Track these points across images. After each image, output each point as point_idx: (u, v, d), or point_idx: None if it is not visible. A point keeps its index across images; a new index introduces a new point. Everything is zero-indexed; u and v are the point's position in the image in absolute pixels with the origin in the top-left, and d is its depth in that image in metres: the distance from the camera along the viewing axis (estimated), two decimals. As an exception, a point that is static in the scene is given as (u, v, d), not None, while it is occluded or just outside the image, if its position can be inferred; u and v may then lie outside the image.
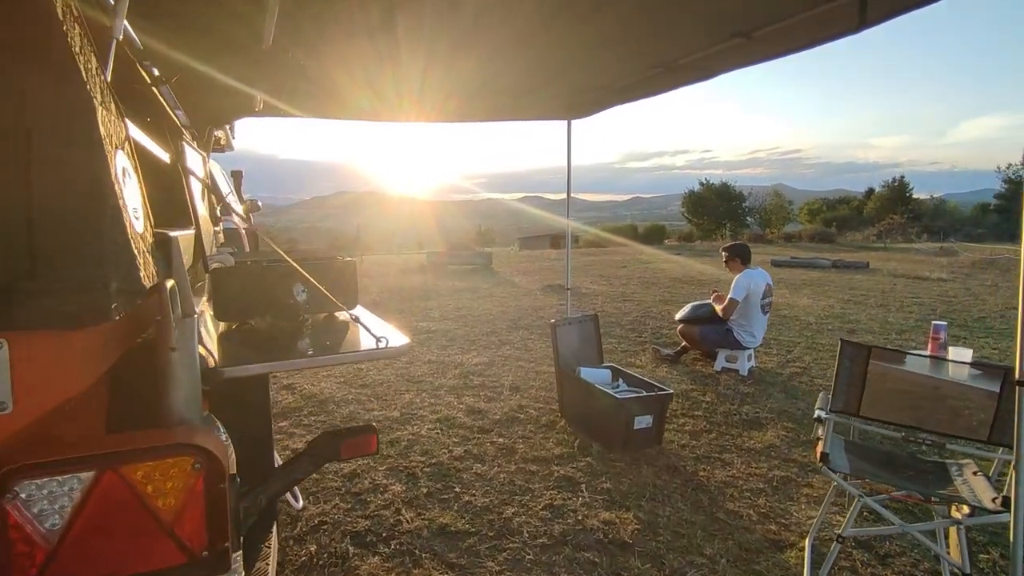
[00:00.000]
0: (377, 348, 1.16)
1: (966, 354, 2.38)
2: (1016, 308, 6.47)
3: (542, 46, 3.02)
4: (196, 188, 1.61)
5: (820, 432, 2.37)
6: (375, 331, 1.21)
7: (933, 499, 1.94)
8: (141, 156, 1.12)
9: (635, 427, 3.42)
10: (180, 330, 0.85)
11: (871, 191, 40.54)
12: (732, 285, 5.03)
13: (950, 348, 2.50)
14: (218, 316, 1.39)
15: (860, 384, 2.02)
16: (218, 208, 2.90)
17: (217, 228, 2.58)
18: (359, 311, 1.43)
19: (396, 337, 1.22)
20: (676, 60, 2.79)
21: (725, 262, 5.25)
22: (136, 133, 1.20)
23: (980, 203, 41.50)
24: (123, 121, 1.00)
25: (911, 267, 14.72)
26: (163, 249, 0.97)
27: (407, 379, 4.86)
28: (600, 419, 3.55)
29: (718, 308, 5.12)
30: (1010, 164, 37.07)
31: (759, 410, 4.17)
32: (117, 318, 0.79)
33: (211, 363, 0.95)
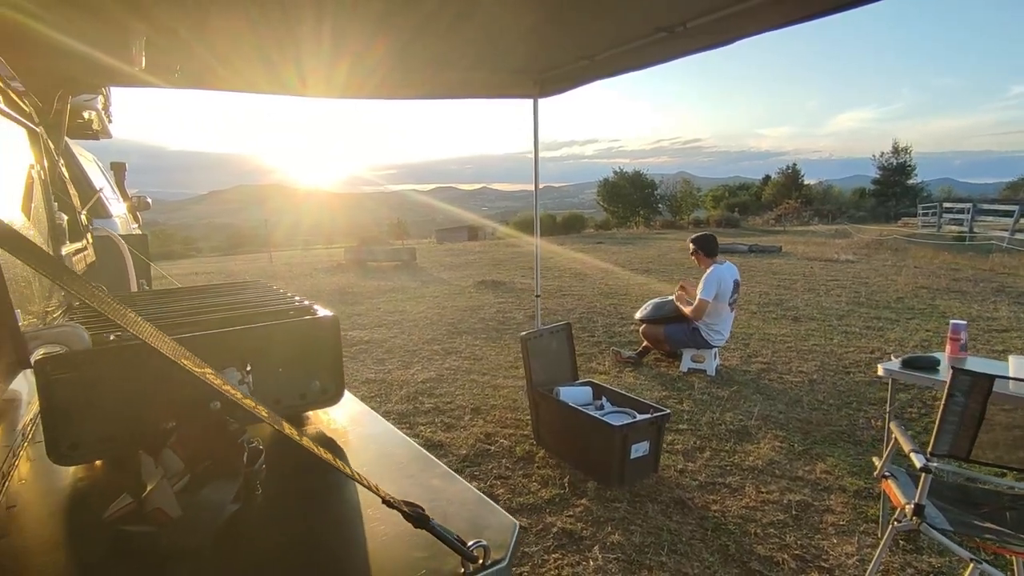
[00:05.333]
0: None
1: (1030, 366, 2.09)
2: (925, 288, 6.62)
3: (501, 5, 2.42)
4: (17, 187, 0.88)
5: (884, 470, 1.99)
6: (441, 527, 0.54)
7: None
8: None
9: (631, 456, 2.94)
10: None
11: (767, 178, 43.12)
12: (701, 283, 4.70)
13: (1011, 358, 2.22)
14: (56, 457, 0.71)
15: (975, 422, 1.65)
16: (82, 214, 2.06)
17: (80, 246, 1.77)
18: (352, 405, 0.79)
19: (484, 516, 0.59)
20: (685, 22, 2.28)
21: (691, 254, 4.91)
22: None
23: (858, 188, 45.38)
24: None
25: (817, 249, 15.51)
26: None
27: (345, 407, 4.12)
28: (590, 449, 3.04)
29: (686, 309, 4.78)
30: (883, 153, 40.69)
31: (743, 418, 3.86)
32: None
33: None
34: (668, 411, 3.09)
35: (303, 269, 13.74)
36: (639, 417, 3.05)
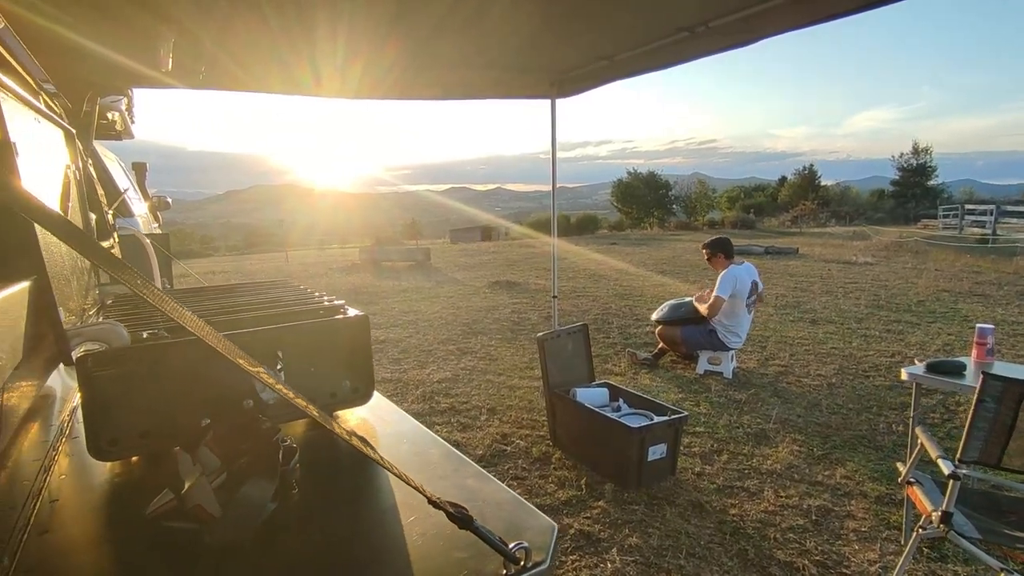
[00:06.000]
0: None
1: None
2: (947, 291, 6.49)
3: (518, 5, 2.42)
4: (54, 187, 0.90)
5: (909, 475, 1.96)
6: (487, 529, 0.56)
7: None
8: None
9: (649, 458, 2.93)
10: None
11: (783, 179, 42.68)
12: (717, 282, 4.66)
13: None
14: (95, 452, 0.72)
15: (1006, 429, 1.62)
16: (109, 213, 2.10)
17: (108, 245, 1.80)
18: (380, 403, 0.79)
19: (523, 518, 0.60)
20: (707, 21, 2.26)
21: (707, 259, 4.88)
22: None
23: (877, 189, 44.70)
24: None
25: (835, 251, 15.32)
26: None
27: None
28: (607, 451, 3.03)
29: (702, 308, 4.75)
30: (902, 153, 40.05)
31: (760, 421, 3.82)
32: None
33: None
34: (686, 413, 3.07)
35: (318, 269, 13.86)
36: (656, 419, 3.03)
